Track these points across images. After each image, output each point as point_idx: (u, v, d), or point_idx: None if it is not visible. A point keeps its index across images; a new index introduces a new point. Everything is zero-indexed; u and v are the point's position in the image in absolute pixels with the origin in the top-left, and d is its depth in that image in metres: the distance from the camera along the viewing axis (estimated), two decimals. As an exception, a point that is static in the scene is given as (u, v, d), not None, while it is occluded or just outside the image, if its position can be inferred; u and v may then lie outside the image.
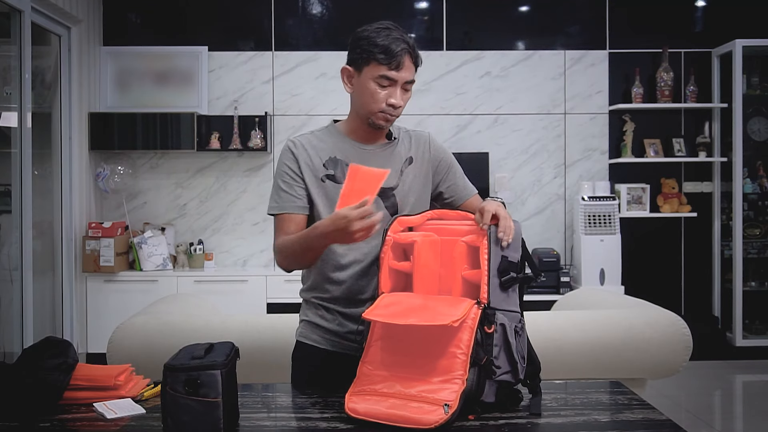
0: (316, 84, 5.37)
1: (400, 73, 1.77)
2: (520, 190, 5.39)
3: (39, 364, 1.58)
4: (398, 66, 1.77)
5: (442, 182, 1.94)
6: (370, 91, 1.79)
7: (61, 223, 4.84)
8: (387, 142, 1.90)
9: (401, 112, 1.83)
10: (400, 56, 1.76)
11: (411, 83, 1.82)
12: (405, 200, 1.87)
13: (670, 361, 2.49)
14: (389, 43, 1.76)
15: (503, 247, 1.54)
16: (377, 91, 1.79)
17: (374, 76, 1.78)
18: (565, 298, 3.23)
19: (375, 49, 1.76)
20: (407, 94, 1.82)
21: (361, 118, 1.85)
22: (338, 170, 1.84)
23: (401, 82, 1.79)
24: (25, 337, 4.14)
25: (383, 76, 1.77)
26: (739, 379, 4.92)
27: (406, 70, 1.79)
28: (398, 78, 1.78)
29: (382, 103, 1.79)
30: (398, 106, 1.80)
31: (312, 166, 1.85)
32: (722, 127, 5.40)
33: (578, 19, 5.48)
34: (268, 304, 4.94)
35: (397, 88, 1.79)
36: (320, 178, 1.84)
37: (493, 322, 1.49)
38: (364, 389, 1.49)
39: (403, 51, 1.76)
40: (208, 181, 5.40)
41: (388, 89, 1.79)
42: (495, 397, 1.51)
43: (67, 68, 4.86)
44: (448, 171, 1.94)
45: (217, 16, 5.41)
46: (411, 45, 1.79)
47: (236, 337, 2.25)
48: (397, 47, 1.76)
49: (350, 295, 1.83)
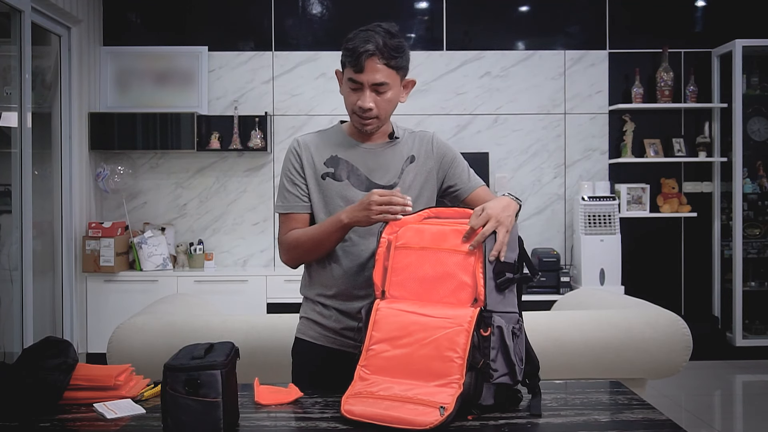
0: (316, 84, 5.37)
1: (363, 75, 1.76)
2: (520, 190, 5.39)
3: (39, 364, 1.58)
4: (360, 69, 1.75)
5: (447, 177, 1.95)
6: (346, 94, 1.83)
7: (61, 223, 4.84)
8: (388, 141, 1.91)
9: (379, 114, 1.82)
10: (362, 58, 1.74)
11: (382, 85, 1.78)
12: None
13: (670, 361, 2.49)
14: (356, 45, 1.75)
15: (491, 261, 1.54)
16: (349, 93, 1.82)
17: (346, 78, 1.81)
18: (565, 298, 3.23)
19: (345, 51, 1.78)
20: (383, 96, 1.80)
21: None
22: (338, 168, 1.87)
23: (368, 83, 1.77)
24: (25, 337, 4.14)
25: (350, 79, 1.79)
26: (739, 379, 4.92)
27: (371, 72, 1.75)
28: (362, 80, 1.77)
29: (355, 105, 1.81)
30: (366, 109, 1.79)
31: (313, 164, 1.89)
32: (722, 127, 5.40)
33: (578, 19, 5.48)
34: (268, 304, 4.94)
35: (364, 91, 1.78)
36: (320, 175, 1.88)
37: (489, 325, 1.49)
38: (361, 392, 1.49)
39: (365, 53, 1.73)
40: (208, 181, 5.40)
41: (357, 92, 1.79)
42: (494, 399, 1.51)
43: (67, 68, 4.86)
44: (452, 165, 1.95)
45: (217, 16, 5.41)
46: (381, 46, 1.75)
47: (236, 337, 2.25)
48: (361, 48, 1.74)
49: (347, 291, 1.85)
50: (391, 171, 1.88)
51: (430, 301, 1.55)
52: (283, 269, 5.27)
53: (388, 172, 1.88)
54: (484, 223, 1.56)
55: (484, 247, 1.54)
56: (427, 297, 1.56)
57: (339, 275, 1.86)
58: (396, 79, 1.81)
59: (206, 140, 5.20)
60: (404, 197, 1.67)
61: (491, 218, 1.56)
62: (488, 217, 1.56)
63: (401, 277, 1.59)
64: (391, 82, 1.79)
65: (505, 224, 1.57)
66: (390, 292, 1.60)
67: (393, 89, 1.81)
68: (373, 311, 1.56)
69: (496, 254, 1.54)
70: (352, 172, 1.87)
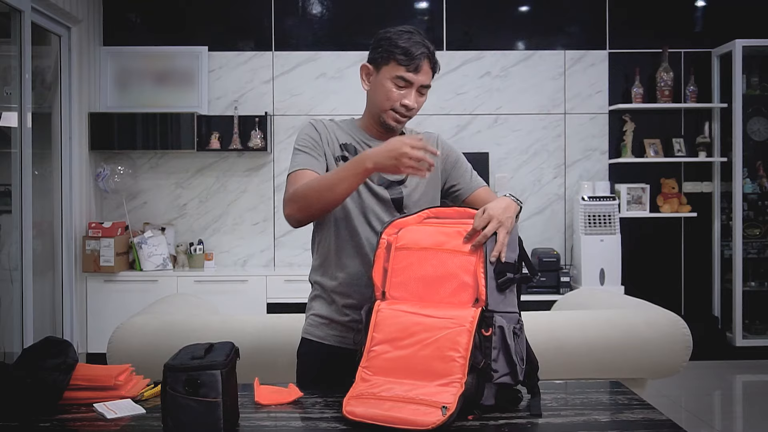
0: (316, 84, 5.36)
1: (417, 76, 1.83)
2: (520, 190, 5.39)
3: (39, 364, 1.58)
4: (416, 69, 1.82)
5: (450, 177, 1.99)
6: (386, 90, 1.85)
7: (61, 223, 4.84)
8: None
9: (414, 114, 1.89)
10: (419, 59, 1.81)
11: (427, 88, 1.87)
12: (410, 196, 1.90)
13: (670, 361, 2.49)
14: (410, 46, 1.81)
15: (491, 262, 1.54)
16: (393, 90, 1.84)
17: (392, 75, 1.83)
18: (565, 298, 3.22)
19: (396, 49, 1.82)
20: (422, 98, 1.88)
21: (374, 117, 1.91)
22: (352, 156, 1.87)
23: (417, 84, 1.84)
24: (25, 337, 4.14)
25: (400, 77, 1.83)
26: (739, 379, 4.92)
27: (424, 74, 1.84)
28: (415, 80, 1.83)
29: (396, 103, 1.85)
30: (411, 108, 1.86)
31: (331, 144, 1.91)
32: (722, 127, 5.40)
33: (578, 19, 5.48)
34: (268, 304, 4.94)
35: (412, 90, 1.84)
36: (337, 157, 1.90)
37: (491, 325, 1.49)
38: (363, 393, 1.49)
39: (422, 55, 1.82)
40: (208, 181, 5.40)
41: (404, 90, 1.84)
42: (494, 400, 1.51)
43: (67, 68, 4.86)
44: (455, 165, 1.99)
45: (217, 16, 5.41)
46: (431, 51, 1.85)
47: (236, 337, 2.24)
48: (417, 50, 1.81)
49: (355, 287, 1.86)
50: None
51: (431, 301, 1.55)
52: (283, 269, 5.27)
53: None
54: (485, 224, 1.56)
55: (485, 248, 1.55)
56: (428, 297, 1.56)
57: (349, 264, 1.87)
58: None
59: (206, 140, 5.20)
60: (435, 151, 1.69)
61: (493, 219, 1.57)
62: (490, 218, 1.57)
63: (402, 278, 1.59)
64: (431, 84, 1.89)
65: (505, 225, 1.57)
66: (390, 293, 1.59)
67: (427, 92, 1.90)
68: (373, 312, 1.56)
69: (497, 255, 1.54)
70: None
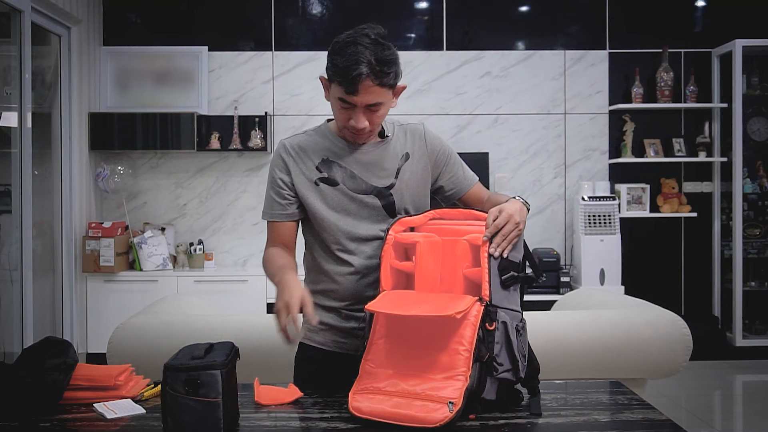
0: (316, 84, 5.36)
1: (357, 98, 1.67)
2: (520, 190, 5.39)
3: (39, 364, 1.58)
4: (354, 91, 1.66)
5: (441, 175, 1.89)
6: (335, 109, 1.76)
7: (61, 223, 4.84)
8: (379, 141, 1.84)
9: (372, 130, 1.76)
10: (356, 81, 1.64)
11: (375, 105, 1.70)
12: (402, 198, 1.83)
13: (670, 361, 2.49)
14: (348, 65, 1.64)
15: (495, 257, 1.54)
16: (339, 110, 1.73)
17: (335, 96, 1.72)
18: (565, 298, 3.22)
19: (334, 69, 1.68)
20: (375, 114, 1.72)
21: None
22: (332, 172, 1.81)
23: (362, 105, 1.69)
24: (25, 337, 4.14)
25: (341, 99, 1.70)
26: (739, 379, 4.92)
27: (366, 94, 1.66)
28: (356, 102, 1.68)
29: (344, 123, 1.75)
30: (360, 128, 1.72)
31: (305, 171, 1.82)
32: (722, 127, 5.40)
33: (578, 19, 5.48)
34: (268, 304, 4.94)
35: (358, 111, 1.70)
36: (314, 181, 1.82)
37: (494, 320, 1.49)
38: (368, 387, 1.49)
39: (359, 76, 1.63)
40: (208, 181, 5.40)
41: (349, 111, 1.71)
42: (496, 395, 1.51)
43: (67, 68, 4.86)
44: (447, 162, 1.89)
45: (217, 16, 5.41)
46: (373, 65, 1.64)
47: (236, 337, 2.24)
48: (354, 71, 1.63)
49: (353, 295, 1.82)
50: (388, 171, 1.82)
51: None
52: (283, 269, 5.26)
53: (385, 172, 1.82)
54: (505, 222, 1.56)
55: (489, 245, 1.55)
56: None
57: (346, 274, 1.82)
58: (389, 95, 1.72)
59: (206, 140, 5.20)
60: (292, 339, 1.57)
61: (511, 218, 1.56)
62: (509, 217, 1.56)
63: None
64: (385, 99, 1.71)
65: (520, 227, 1.58)
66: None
67: (386, 105, 1.73)
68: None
69: (500, 251, 1.54)
70: (347, 176, 1.81)
